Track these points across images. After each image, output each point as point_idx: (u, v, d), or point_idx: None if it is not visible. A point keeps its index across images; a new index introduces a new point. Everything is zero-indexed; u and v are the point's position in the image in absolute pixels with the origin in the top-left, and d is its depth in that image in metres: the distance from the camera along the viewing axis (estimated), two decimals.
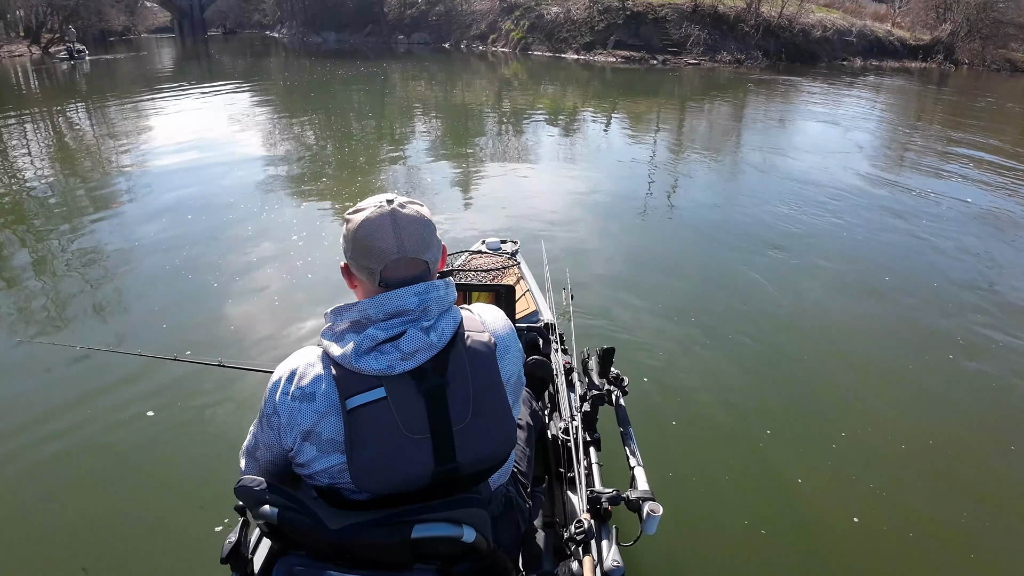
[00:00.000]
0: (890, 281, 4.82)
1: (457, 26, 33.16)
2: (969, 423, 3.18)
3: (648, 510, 1.35)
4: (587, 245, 5.39)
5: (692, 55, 24.99)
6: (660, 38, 25.76)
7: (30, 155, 9.09)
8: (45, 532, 2.38)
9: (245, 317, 4.07)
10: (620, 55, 25.39)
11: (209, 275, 4.62)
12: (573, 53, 26.69)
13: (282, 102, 15.12)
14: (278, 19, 50.69)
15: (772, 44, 26.11)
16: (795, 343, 3.86)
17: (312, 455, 1.09)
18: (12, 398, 3.18)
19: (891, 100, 18.10)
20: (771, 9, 26.99)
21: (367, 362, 1.04)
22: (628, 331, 3.84)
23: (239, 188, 6.95)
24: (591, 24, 27.00)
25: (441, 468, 1.08)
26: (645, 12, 26.63)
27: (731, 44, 25.75)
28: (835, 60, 27.03)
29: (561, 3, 28.57)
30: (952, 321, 4.23)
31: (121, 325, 4.02)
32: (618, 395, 1.82)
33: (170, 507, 2.49)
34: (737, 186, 7.80)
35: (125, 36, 44.76)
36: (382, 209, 1.08)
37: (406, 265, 1.09)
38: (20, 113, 12.90)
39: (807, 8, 27.93)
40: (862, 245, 5.62)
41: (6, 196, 7.00)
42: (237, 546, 1.16)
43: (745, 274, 4.80)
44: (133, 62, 27.89)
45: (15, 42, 29.09)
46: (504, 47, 29.75)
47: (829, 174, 8.05)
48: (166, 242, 5.30)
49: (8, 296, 4.45)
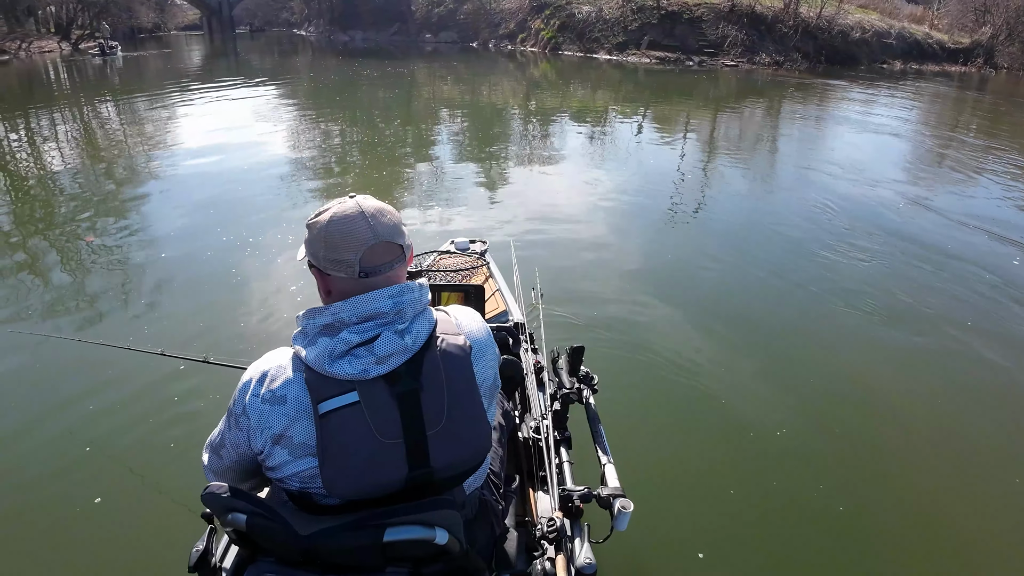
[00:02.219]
0: (902, 308, 4.38)
1: (485, 25, 32.67)
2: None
3: (619, 507, 1.36)
4: (581, 246, 5.33)
5: (729, 56, 24.17)
6: (696, 39, 24.97)
7: (67, 148, 9.35)
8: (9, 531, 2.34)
9: (256, 315, 4.02)
10: (654, 56, 24.66)
11: (227, 272, 4.60)
12: (605, 53, 26.01)
13: (308, 101, 14.87)
14: (305, 17, 50.72)
15: (811, 45, 25.20)
16: (770, 342, 3.86)
17: (283, 459, 1.07)
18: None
19: (936, 107, 17.15)
20: (810, 9, 26.09)
21: (341, 366, 1.03)
22: (598, 329, 3.81)
23: (263, 185, 7.00)
24: (624, 23, 26.28)
25: (414, 473, 1.06)
26: (680, 12, 25.85)
27: (769, 45, 24.89)
28: (874, 62, 26.09)
29: (593, 2, 27.88)
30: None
31: (117, 318, 4.00)
32: (588, 393, 1.83)
33: (134, 509, 2.43)
34: (761, 201, 7.26)
35: (155, 33, 45.19)
36: (346, 204, 1.08)
37: (383, 251, 1.08)
38: (60, 107, 13.20)
39: (845, 9, 26.96)
40: (871, 273, 4.98)
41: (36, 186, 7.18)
42: (205, 554, 1.15)
43: (732, 279, 4.75)
44: (163, 59, 28.27)
45: (45, 38, 29.27)
46: (533, 47, 29.18)
47: (859, 195, 7.27)
48: (183, 237, 5.34)
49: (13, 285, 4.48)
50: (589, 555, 1.32)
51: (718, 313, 4.16)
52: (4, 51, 25.25)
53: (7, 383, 3.25)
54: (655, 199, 6.89)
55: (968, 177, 8.59)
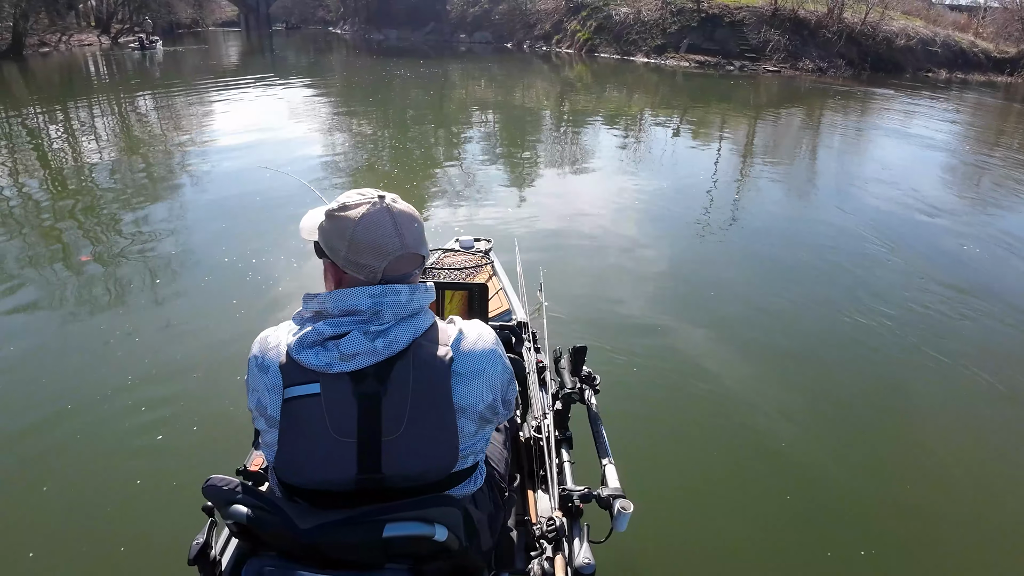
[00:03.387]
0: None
1: (520, 26, 32.29)
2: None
3: (619, 507, 1.36)
4: (592, 250, 5.27)
5: (772, 62, 23.41)
6: (737, 43, 24.24)
7: (114, 138, 9.79)
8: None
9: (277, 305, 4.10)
10: (693, 59, 24.00)
11: (255, 265, 4.64)
12: (643, 56, 25.39)
13: (341, 100, 14.80)
14: (341, 15, 51.00)
15: (855, 52, 24.31)
16: (778, 351, 3.79)
17: (263, 426, 1.10)
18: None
19: (989, 121, 16.26)
20: (854, 15, 25.18)
21: (307, 356, 1.04)
22: (603, 331, 3.80)
23: (294, 182, 6.98)
24: (663, 26, 25.66)
25: (363, 476, 1.05)
26: (721, 15, 25.17)
27: (812, 51, 24.07)
28: (918, 71, 25.09)
29: (631, 3, 27.31)
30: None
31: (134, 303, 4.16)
32: (590, 393, 1.82)
33: (134, 501, 2.43)
34: (795, 222, 6.62)
35: (192, 29, 45.80)
36: (376, 206, 1.06)
37: (408, 261, 1.08)
38: (108, 98, 13.84)
39: (890, 15, 25.99)
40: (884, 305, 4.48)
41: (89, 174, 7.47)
42: (205, 547, 1.15)
43: (748, 291, 4.64)
44: (200, 54, 28.85)
45: (85, 32, 29.70)
46: (569, 48, 28.70)
47: (906, 219, 6.64)
48: (218, 230, 5.46)
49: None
50: (588, 555, 1.31)
51: (726, 320, 4.10)
52: (45, 44, 25.65)
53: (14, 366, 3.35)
54: (681, 208, 6.67)
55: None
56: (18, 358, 3.44)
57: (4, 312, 3.97)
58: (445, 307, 2.15)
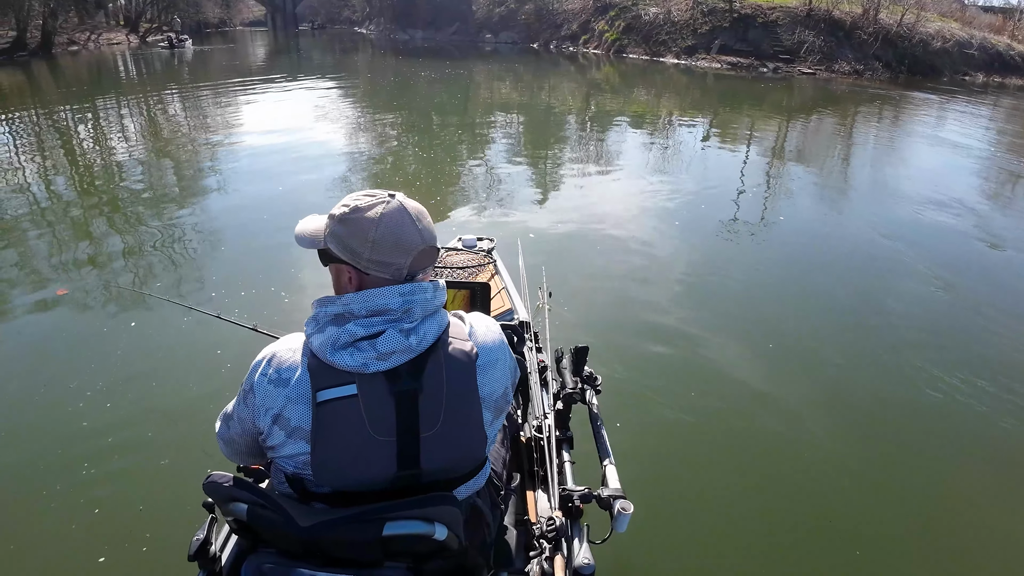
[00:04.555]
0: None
1: (547, 26, 31.93)
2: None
3: (619, 508, 1.35)
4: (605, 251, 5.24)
5: (807, 64, 22.70)
6: (771, 44, 23.57)
7: (150, 133, 10.01)
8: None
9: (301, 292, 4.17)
10: (725, 61, 23.40)
11: (279, 262, 4.67)
12: (672, 57, 24.84)
13: (365, 103, 14.69)
14: (366, 15, 51.11)
15: (891, 54, 23.51)
16: (787, 356, 3.74)
17: (280, 439, 1.08)
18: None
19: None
20: (890, 16, 24.36)
21: (342, 357, 1.03)
22: (607, 332, 3.79)
23: (319, 181, 7.10)
24: (693, 26, 25.08)
25: (402, 473, 1.06)
26: (754, 15, 24.53)
27: (848, 53, 23.34)
28: (955, 74, 24.16)
29: (661, 3, 26.78)
30: None
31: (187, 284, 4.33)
32: (591, 394, 1.83)
33: (134, 497, 2.41)
34: (819, 233, 6.14)
35: (220, 28, 46.21)
36: (391, 204, 1.06)
37: (429, 254, 1.09)
38: (144, 94, 13.94)
39: (926, 16, 25.10)
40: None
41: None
42: (205, 543, 1.16)
43: (760, 293, 4.57)
44: (228, 53, 29.30)
45: (114, 30, 29.98)
46: (596, 49, 28.26)
47: (947, 233, 6.17)
48: (245, 223, 5.60)
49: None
50: (588, 556, 1.30)
51: (732, 326, 4.01)
52: (74, 42, 25.94)
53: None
54: (700, 214, 6.42)
55: None
56: (26, 350, 3.50)
57: (26, 305, 4.07)
58: (447, 306, 2.16)
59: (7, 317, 3.89)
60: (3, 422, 2.84)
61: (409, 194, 1.10)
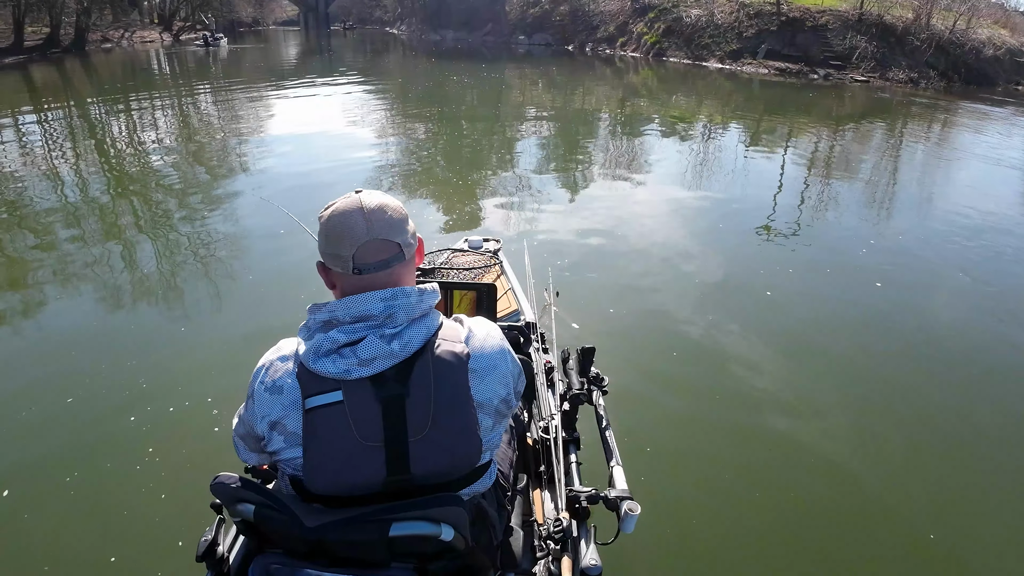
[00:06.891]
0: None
1: (583, 27, 31.13)
2: None
3: (626, 509, 1.36)
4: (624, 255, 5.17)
5: (860, 70, 21.55)
6: (821, 49, 22.47)
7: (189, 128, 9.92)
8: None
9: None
10: (772, 66, 22.33)
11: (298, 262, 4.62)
12: (716, 62, 23.84)
13: (398, 106, 14.22)
14: (398, 16, 50.87)
15: (944, 62, 22.25)
16: (800, 359, 3.68)
17: (280, 444, 1.08)
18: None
19: None
20: (942, 22, 23.08)
21: (324, 364, 1.03)
22: (611, 333, 3.78)
23: (346, 182, 6.92)
24: (738, 30, 24.07)
25: (392, 478, 1.06)
26: (803, 19, 23.44)
27: (901, 60, 22.14)
28: (1008, 84, 22.83)
29: (703, 5, 25.82)
30: None
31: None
32: (598, 395, 1.83)
33: (143, 497, 2.41)
34: (854, 255, 5.50)
35: (253, 27, 46.39)
36: (349, 198, 1.09)
37: (377, 248, 1.07)
38: (174, 94, 13.72)
39: (978, 22, 23.75)
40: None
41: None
42: (212, 544, 1.18)
43: (769, 303, 4.41)
44: (261, 52, 29.50)
45: (148, 28, 29.99)
46: (635, 52, 27.37)
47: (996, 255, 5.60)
48: (269, 225, 5.46)
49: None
50: (595, 557, 1.29)
51: (747, 329, 3.95)
52: (108, 39, 25.93)
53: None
54: (731, 224, 6.18)
55: None
56: (34, 344, 3.52)
57: (46, 299, 4.10)
58: (454, 308, 2.16)
59: (24, 314, 3.92)
60: (17, 418, 2.84)
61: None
